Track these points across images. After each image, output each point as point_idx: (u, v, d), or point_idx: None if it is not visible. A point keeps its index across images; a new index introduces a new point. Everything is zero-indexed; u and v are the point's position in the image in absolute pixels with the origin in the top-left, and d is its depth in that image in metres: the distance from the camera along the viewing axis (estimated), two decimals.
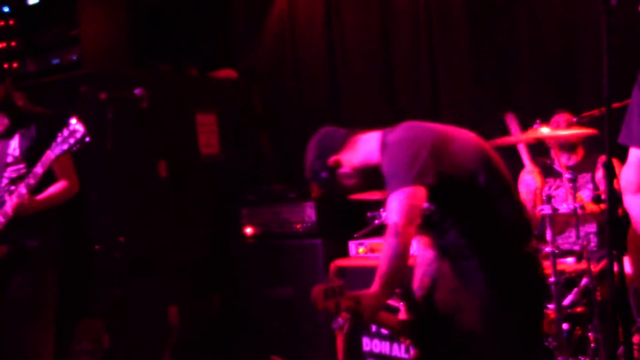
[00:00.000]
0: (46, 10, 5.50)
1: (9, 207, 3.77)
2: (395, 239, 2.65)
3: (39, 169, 3.74)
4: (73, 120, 3.63)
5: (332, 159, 3.01)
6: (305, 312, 5.36)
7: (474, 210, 2.83)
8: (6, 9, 5.60)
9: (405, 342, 3.05)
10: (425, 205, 2.81)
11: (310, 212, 5.54)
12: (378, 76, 5.95)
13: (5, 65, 5.60)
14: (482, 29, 5.47)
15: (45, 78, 5.48)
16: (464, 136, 2.93)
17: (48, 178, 3.93)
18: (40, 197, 3.87)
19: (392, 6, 5.83)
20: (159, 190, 5.49)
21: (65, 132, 3.65)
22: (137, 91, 3.52)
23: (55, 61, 5.46)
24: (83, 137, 3.61)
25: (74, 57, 5.37)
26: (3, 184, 3.94)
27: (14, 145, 3.96)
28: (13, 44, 5.58)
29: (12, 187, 3.84)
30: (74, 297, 4.81)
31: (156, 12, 6.15)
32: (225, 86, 6.26)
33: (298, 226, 5.57)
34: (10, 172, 3.95)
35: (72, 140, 3.63)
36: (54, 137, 3.67)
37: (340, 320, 2.69)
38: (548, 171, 4.62)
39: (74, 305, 4.87)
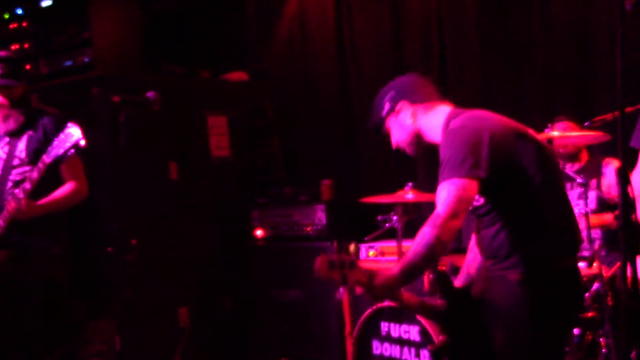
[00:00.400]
0: (59, 13, 5.52)
1: (6, 211, 3.76)
2: (432, 229, 2.62)
3: (34, 174, 3.72)
4: (70, 124, 3.64)
5: (402, 103, 2.99)
6: (315, 314, 5.37)
7: (522, 209, 2.77)
8: (20, 11, 5.63)
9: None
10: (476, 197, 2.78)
11: (320, 215, 5.53)
12: (389, 78, 5.92)
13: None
14: (493, 30, 5.46)
15: (57, 80, 5.51)
16: (529, 135, 2.87)
17: (57, 181, 3.93)
18: (41, 201, 3.84)
19: (403, 7, 5.83)
20: (170, 192, 5.50)
21: (62, 136, 3.64)
22: (150, 94, 3.52)
23: (68, 63, 5.48)
24: (78, 141, 3.61)
25: (86, 59, 5.39)
26: (8, 187, 3.93)
27: (20, 147, 3.95)
28: (26, 45, 5.60)
29: (16, 190, 3.81)
30: (86, 299, 4.83)
31: (168, 14, 6.17)
32: (237, 88, 6.26)
33: (308, 229, 5.57)
34: (15, 175, 3.94)
35: (67, 145, 3.62)
36: (51, 142, 3.67)
37: (342, 290, 2.69)
38: None
39: (86, 307, 4.89)
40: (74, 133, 3.61)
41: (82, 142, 3.61)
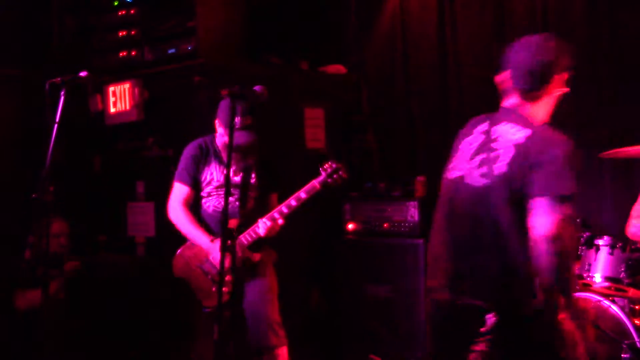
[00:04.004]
0: (165, 2, 5.65)
1: (262, 229, 4.29)
2: None
3: (302, 195, 4.32)
4: (332, 161, 4.31)
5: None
6: (403, 311, 5.35)
7: None
8: None
9: None
10: None
11: (413, 211, 5.51)
12: (490, 78, 5.82)
13: (124, 53, 5.79)
14: (602, 32, 5.30)
15: (160, 67, 5.63)
16: None
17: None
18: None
19: (508, 7, 5.71)
20: None
21: (328, 169, 4.25)
22: (257, 88, 3.56)
23: (172, 51, 5.59)
24: (346, 176, 4.31)
25: (190, 48, 5.49)
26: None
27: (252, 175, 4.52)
28: (133, 32, 5.76)
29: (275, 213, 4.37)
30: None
31: (271, 5, 6.21)
32: (334, 81, 6.27)
33: (400, 225, 5.55)
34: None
35: (336, 177, 4.29)
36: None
37: None
38: None
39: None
40: (342, 168, 4.33)
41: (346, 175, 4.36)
